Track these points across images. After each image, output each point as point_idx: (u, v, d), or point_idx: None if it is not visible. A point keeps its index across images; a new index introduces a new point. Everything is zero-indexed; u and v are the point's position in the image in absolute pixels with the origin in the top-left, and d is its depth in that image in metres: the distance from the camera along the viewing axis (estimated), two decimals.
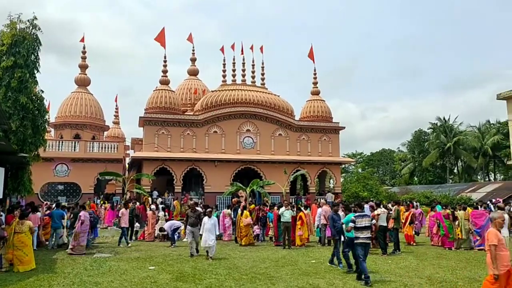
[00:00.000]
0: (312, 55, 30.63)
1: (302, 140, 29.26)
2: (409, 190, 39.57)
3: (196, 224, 12.30)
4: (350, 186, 36.26)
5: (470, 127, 49.97)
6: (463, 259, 11.76)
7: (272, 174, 26.42)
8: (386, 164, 66.06)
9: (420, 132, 54.82)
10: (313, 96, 31.74)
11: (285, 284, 8.34)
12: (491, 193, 31.71)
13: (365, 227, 8.66)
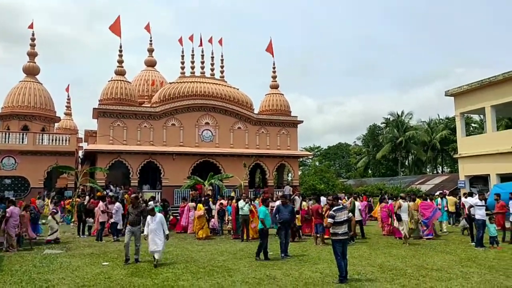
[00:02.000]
0: (271, 48, 30.75)
1: (261, 134, 29.41)
2: (363, 183, 40.99)
3: (138, 222, 10.25)
4: (307, 179, 37.00)
5: (420, 122, 52.44)
6: (413, 247, 12.35)
7: (231, 167, 26.39)
8: (342, 158, 67.94)
9: (374, 126, 56.73)
10: (272, 89, 31.93)
11: (242, 276, 8.38)
12: (439, 185, 33.47)
13: (343, 221, 8.02)
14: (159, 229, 9.69)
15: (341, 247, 7.93)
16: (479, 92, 20.78)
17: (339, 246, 7.95)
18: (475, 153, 20.73)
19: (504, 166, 19.17)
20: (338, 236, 7.95)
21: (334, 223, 7.97)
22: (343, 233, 7.97)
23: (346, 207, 9.49)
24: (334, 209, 8.16)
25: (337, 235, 7.95)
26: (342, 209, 8.24)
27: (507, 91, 19.19)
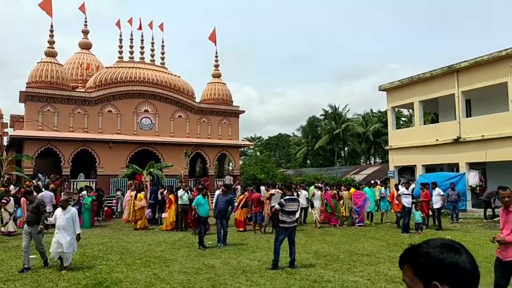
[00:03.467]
0: (214, 37, 30.37)
1: (202, 123, 29.09)
2: (302, 173, 42.16)
3: (34, 221, 8.12)
4: (248, 169, 37.31)
5: (356, 115, 54.80)
6: (345, 234, 12.97)
7: (171, 157, 25.83)
8: (283, 148, 69.34)
9: (313, 118, 58.40)
10: (214, 78, 31.64)
11: (180, 266, 8.30)
12: (371, 175, 35.36)
13: (293, 211, 8.30)
14: (69, 226, 7.81)
15: (285, 235, 8.21)
16: (408, 88, 22.14)
17: (283, 233, 8.24)
18: (404, 145, 22.12)
19: (429, 157, 20.68)
20: (285, 224, 8.21)
21: (283, 212, 8.22)
22: (291, 222, 8.28)
23: (297, 199, 9.79)
24: (286, 199, 8.41)
25: (285, 222, 8.21)
26: (294, 200, 8.57)
27: (434, 87, 20.64)
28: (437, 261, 1.29)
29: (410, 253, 1.38)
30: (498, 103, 17.69)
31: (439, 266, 1.28)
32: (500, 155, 17.23)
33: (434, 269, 1.28)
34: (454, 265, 1.27)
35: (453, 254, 1.30)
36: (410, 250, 1.39)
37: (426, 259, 1.31)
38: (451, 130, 19.56)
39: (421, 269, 1.31)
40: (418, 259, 1.33)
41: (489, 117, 18.02)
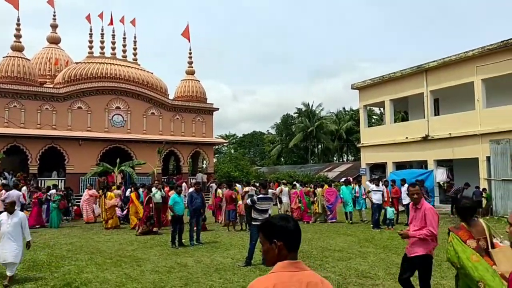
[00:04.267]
0: (187, 33, 30.04)
1: (176, 120, 28.77)
2: (276, 170, 42.42)
3: None
4: (222, 167, 37.24)
5: (329, 113, 55.53)
6: (318, 231, 13.13)
7: (143, 154, 25.44)
8: (257, 146, 69.50)
9: (287, 116, 58.81)
10: (188, 75, 31.33)
11: (152, 265, 8.19)
12: (344, 172, 35.98)
13: (265, 210, 8.36)
14: (17, 233, 6.82)
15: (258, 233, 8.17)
16: (380, 86, 22.60)
17: (257, 231, 8.19)
18: (375, 143, 22.59)
19: (399, 155, 21.20)
20: (257, 222, 8.20)
21: (256, 210, 8.25)
22: (264, 220, 8.21)
23: (272, 198, 9.85)
24: (259, 197, 8.43)
25: (257, 220, 8.20)
26: (267, 199, 8.59)
27: (404, 87, 21.15)
28: (275, 226, 2.06)
29: (262, 225, 2.15)
30: (465, 102, 18.30)
31: (275, 229, 2.04)
32: (466, 152, 17.84)
33: (273, 231, 2.03)
34: (285, 228, 2.03)
35: (285, 222, 2.07)
36: (263, 223, 2.17)
37: (269, 226, 2.08)
38: (420, 128, 20.10)
39: (266, 232, 2.06)
40: (265, 226, 2.10)
41: (456, 116, 18.62)
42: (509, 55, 16.36)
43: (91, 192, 16.74)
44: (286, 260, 1.98)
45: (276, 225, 2.04)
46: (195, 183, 12.57)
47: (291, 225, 2.04)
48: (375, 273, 7.32)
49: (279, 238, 1.99)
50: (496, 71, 16.84)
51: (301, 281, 1.91)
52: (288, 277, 1.91)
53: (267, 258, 2.07)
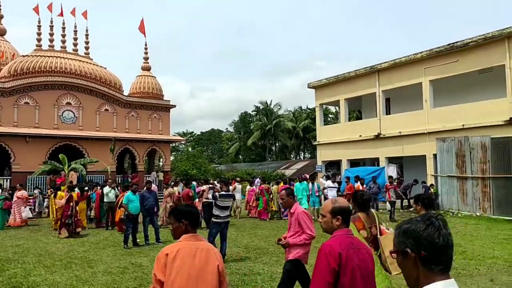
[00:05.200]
0: (143, 28, 29.27)
1: (131, 117, 27.98)
2: (234, 168, 42.41)
3: None
4: (179, 165, 36.70)
5: (287, 111, 56.19)
6: (275, 227, 13.28)
7: (96, 152, 24.53)
8: (215, 143, 69.11)
9: (245, 114, 58.92)
10: (144, 71, 30.57)
11: (105, 266, 7.93)
12: (301, 169, 36.58)
13: (227, 206, 8.43)
14: None
15: (218, 229, 8.29)
16: (335, 86, 23.19)
17: (217, 228, 8.30)
18: (331, 141, 23.16)
19: (353, 152, 21.87)
20: (218, 219, 8.25)
21: (218, 207, 8.28)
22: (225, 217, 8.35)
23: (233, 195, 9.91)
24: (221, 194, 8.49)
25: (218, 217, 8.26)
26: (229, 195, 8.66)
27: (358, 86, 21.83)
28: (182, 210, 2.93)
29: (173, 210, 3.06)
30: (414, 102, 19.18)
31: (183, 212, 2.90)
32: (415, 150, 18.71)
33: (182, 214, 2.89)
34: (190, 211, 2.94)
35: (190, 208, 3.04)
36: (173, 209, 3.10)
37: (178, 210, 2.97)
38: (373, 127, 20.83)
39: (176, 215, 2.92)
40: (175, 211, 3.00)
41: (405, 115, 19.47)
42: (454, 57, 17.32)
43: (20, 193, 15.20)
44: (188, 234, 2.85)
45: (184, 210, 2.96)
46: (146, 182, 12.27)
47: (195, 211, 3.02)
48: None
49: (185, 219, 2.87)
50: (443, 72, 17.77)
51: (197, 246, 2.80)
52: (189, 244, 2.80)
53: (176, 233, 2.92)
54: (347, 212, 2.80)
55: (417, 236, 1.45)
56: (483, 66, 16.49)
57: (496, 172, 15.19)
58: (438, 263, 1.43)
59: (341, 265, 2.50)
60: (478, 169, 15.74)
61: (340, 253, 2.50)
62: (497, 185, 15.12)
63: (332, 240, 2.63)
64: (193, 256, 2.72)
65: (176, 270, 2.65)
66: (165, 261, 2.69)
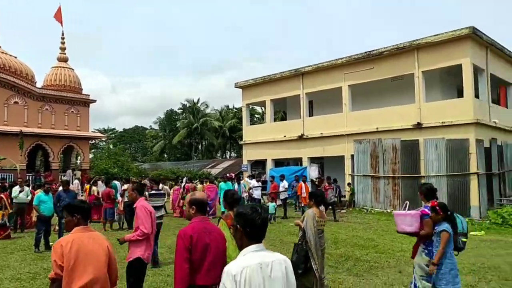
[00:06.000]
0: (59, 16, 27.31)
1: (45, 111, 25.97)
2: (158, 167, 41.29)
3: None
4: (100, 163, 34.84)
5: (213, 110, 56.08)
6: None
7: (4, 148, 22.39)
8: (139, 141, 66.73)
9: (171, 111, 57.69)
10: (61, 63, 28.54)
11: (13, 272, 7.29)
12: (227, 168, 36.72)
13: (158, 206, 8.02)
14: None
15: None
16: (261, 86, 23.64)
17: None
18: (256, 141, 23.57)
19: (278, 152, 22.47)
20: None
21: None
22: (157, 217, 7.87)
23: (165, 193, 9.51)
24: (151, 193, 8.14)
25: None
26: (160, 195, 8.33)
27: (283, 88, 22.47)
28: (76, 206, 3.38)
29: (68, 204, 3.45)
30: (335, 105, 20.22)
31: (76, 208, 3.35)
32: (335, 150, 19.75)
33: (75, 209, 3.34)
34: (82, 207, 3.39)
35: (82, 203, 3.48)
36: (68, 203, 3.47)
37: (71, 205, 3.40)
38: (296, 128, 21.59)
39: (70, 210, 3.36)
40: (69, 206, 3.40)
41: (327, 117, 20.47)
42: (371, 65, 18.58)
43: None
44: (80, 226, 3.31)
45: (77, 205, 3.39)
46: (62, 181, 11.48)
47: (86, 206, 3.46)
48: None
49: (78, 213, 3.31)
50: (360, 78, 18.97)
51: (89, 236, 3.29)
52: (81, 235, 3.26)
53: (69, 226, 3.35)
54: (201, 203, 3.55)
55: (245, 218, 2.25)
56: (396, 74, 17.90)
57: (405, 172, 16.62)
58: (256, 236, 2.25)
59: (192, 244, 3.22)
60: (389, 169, 17.09)
61: (191, 235, 3.25)
62: (405, 184, 16.54)
63: (188, 226, 3.39)
64: (86, 243, 3.24)
65: (73, 256, 3.13)
66: (62, 251, 3.13)
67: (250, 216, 2.25)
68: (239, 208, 2.39)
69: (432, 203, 4.74)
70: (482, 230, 12.29)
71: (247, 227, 2.23)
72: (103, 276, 3.27)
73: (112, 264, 3.40)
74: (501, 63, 18.48)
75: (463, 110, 15.57)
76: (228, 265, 2.20)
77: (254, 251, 2.20)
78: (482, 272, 7.31)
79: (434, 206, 4.67)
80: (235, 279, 2.08)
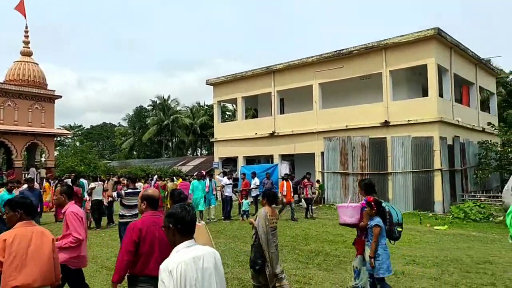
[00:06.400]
0: (22, 8, 26.22)
1: (7, 107, 24.93)
2: (127, 164, 40.50)
3: None
4: (65, 160, 33.88)
5: (184, 107, 55.49)
6: None
7: None
8: (107, 138, 65.22)
9: (141, 108, 56.68)
10: (24, 57, 27.44)
11: None
12: (198, 166, 36.44)
13: (134, 205, 7.81)
14: None
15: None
16: (233, 84, 23.59)
17: (124, 229, 7.66)
18: (228, 138, 23.51)
19: (249, 149, 22.51)
20: (125, 218, 7.80)
21: (124, 205, 7.91)
22: (131, 216, 7.83)
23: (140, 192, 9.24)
24: (127, 192, 8.05)
25: (125, 217, 7.84)
26: (136, 193, 8.06)
27: (255, 85, 22.51)
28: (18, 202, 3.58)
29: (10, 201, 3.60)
30: (306, 103, 20.45)
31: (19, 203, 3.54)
32: (305, 148, 19.98)
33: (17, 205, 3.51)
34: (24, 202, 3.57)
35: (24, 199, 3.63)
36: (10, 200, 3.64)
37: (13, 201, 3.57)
38: (268, 125, 21.69)
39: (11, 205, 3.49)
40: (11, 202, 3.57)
41: (297, 115, 20.66)
42: (340, 63, 18.89)
43: None
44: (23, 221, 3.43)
45: (19, 201, 3.53)
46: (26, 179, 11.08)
47: (29, 201, 3.57)
48: (225, 262, 7.63)
49: (20, 209, 3.45)
50: (330, 76, 19.26)
51: (32, 230, 3.41)
52: (25, 230, 3.39)
53: (12, 221, 3.44)
54: (152, 199, 3.81)
55: (176, 216, 2.49)
56: (364, 72, 18.28)
57: (373, 169, 17.04)
58: (186, 232, 2.49)
59: (140, 237, 3.44)
60: (358, 166, 17.47)
61: (140, 228, 3.48)
62: (373, 180, 16.95)
63: (139, 219, 3.68)
64: (30, 238, 3.36)
65: (15, 251, 3.24)
66: (3, 246, 3.23)
67: (181, 215, 2.48)
68: (169, 210, 2.61)
69: (368, 199, 5.08)
70: (445, 224, 12.76)
71: (178, 224, 2.46)
72: (47, 270, 3.41)
73: (56, 259, 3.55)
74: (465, 64, 19.24)
75: (428, 109, 16.11)
76: (164, 262, 2.37)
77: (188, 247, 2.43)
78: (445, 264, 7.61)
79: (369, 202, 5.04)
80: (171, 275, 2.27)
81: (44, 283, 3.40)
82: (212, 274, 2.43)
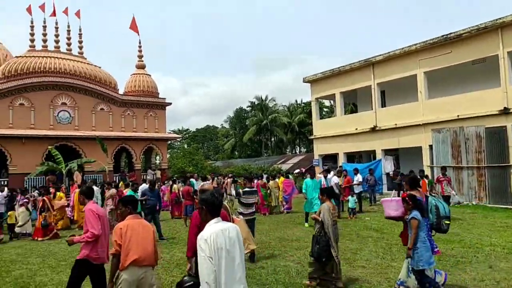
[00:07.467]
0: (135, 26, 29.17)
1: (127, 116, 27.98)
2: (230, 164, 42.48)
3: None
4: (176, 162, 36.74)
5: (281, 106, 56.28)
6: (275, 222, 13.39)
7: (93, 152, 24.53)
8: (211, 140, 69.11)
9: (241, 109, 58.95)
10: (139, 70, 30.53)
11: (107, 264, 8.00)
12: (297, 163, 36.73)
13: (251, 203, 8.49)
14: None
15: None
16: (330, 79, 23.27)
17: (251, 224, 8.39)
18: (327, 135, 23.29)
19: (349, 145, 22.01)
20: (242, 216, 8.26)
21: (242, 204, 8.41)
22: (249, 214, 8.41)
23: (256, 191, 9.87)
24: (245, 191, 8.54)
25: (242, 215, 8.31)
26: (252, 192, 8.68)
27: (353, 79, 21.93)
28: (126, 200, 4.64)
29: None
30: (409, 94, 19.31)
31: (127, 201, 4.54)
32: (411, 141, 18.88)
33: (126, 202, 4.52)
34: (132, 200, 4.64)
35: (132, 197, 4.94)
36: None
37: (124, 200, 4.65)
38: (368, 120, 20.97)
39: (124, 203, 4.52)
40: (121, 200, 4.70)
41: (401, 107, 19.61)
42: (448, 49, 17.44)
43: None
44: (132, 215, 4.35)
45: (129, 199, 4.62)
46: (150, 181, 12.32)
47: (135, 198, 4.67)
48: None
49: (129, 205, 4.45)
50: (437, 64, 17.90)
51: (139, 222, 4.31)
52: (134, 221, 4.27)
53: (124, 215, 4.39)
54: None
55: (208, 201, 3.16)
56: (477, 56, 16.62)
57: (491, 162, 15.40)
58: (215, 212, 3.16)
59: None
60: (473, 158, 15.95)
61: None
62: (492, 174, 15.34)
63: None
64: (138, 228, 4.22)
65: (129, 237, 4.11)
66: (121, 233, 4.11)
67: (211, 200, 3.16)
68: (202, 195, 3.30)
69: (403, 195, 5.36)
70: None
71: (209, 206, 3.15)
72: (150, 253, 4.23)
73: (156, 246, 4.37)
74: None
75: None
76: (200, 233, 3.04)
77: (216, 223, 3.10)
78: None
79: (404, 198, 5.26)
80: (206, 242, 2.93)
81: (150, 262, 4.24)
82: (235, 242, 3.06)
